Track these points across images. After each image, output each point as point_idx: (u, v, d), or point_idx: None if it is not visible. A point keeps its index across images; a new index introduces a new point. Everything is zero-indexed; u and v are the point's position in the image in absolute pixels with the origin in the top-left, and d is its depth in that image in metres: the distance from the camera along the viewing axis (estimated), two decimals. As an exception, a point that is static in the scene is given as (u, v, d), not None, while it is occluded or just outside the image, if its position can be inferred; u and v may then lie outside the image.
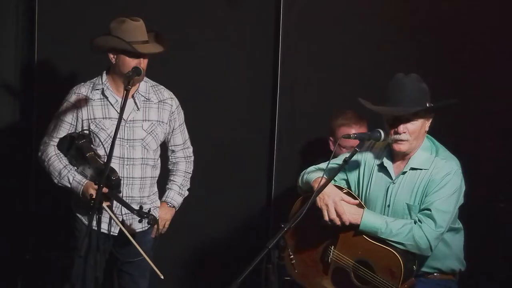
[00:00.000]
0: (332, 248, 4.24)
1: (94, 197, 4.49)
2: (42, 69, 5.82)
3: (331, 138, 5.35)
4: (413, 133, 4.15)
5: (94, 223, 4.62)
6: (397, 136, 4.15)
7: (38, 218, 5.86)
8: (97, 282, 4.53)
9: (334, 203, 4.17)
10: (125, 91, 4.52)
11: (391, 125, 4.17)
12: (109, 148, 4.60)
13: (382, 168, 4.29)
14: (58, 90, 5.64)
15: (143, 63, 4.71)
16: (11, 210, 5.83)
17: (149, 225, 4.79)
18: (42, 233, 5.84)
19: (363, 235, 4.15)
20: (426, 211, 4.12)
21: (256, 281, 3.97)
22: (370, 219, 4.13)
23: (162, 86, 4.95)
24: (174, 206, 5.00)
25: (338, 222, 4.17)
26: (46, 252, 5.73)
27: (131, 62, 4.69)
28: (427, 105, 4.15)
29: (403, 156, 4.24)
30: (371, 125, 5.22)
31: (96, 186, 4.55)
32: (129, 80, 4.55)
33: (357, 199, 4.26)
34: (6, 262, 5.77)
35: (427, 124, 4.21)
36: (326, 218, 4.19)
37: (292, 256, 4.30)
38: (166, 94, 4.92)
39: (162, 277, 4.59)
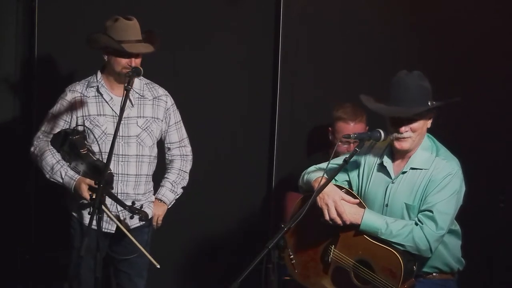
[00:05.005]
0: (332, 248, 4.23)
1: (94, 197, 4.50)
2: (42, 66, 5.82)
3: (330, 128, 5.39)
4: (416, 130, 4.14)
5: (87, 220, 4.68)
6: (399, 135, 4.14)
7: (38, 217, 5.86)
8: (97, 282, 4.51)
9: (334, 202, 4.17)
10: (125, 91, 4.53)
11: (393, 124, 4.15)
12: (103, 145, 4.71)
13: (382, 168, 4.28)
14: (58, 88, 5.62)
15: (134, 62, 4.72)
16: (11, 209, 5.83)
17: (141, 222, 4.79)
18: (42, 232, 5.83)
19: (363, 235, 4.14)
20: (427, 213, 4.10)
21: (256, 281, 3.97)
22: (370, 219, 4.12)
23: (156, 84, 4.97)
24: (165, 203, 5.01)
25: (338, 222, 4.16)
26: (46, 252, 5.72)
27: (122, 61, 4.73)
28: (429, 104, 4.13)
29: (403, 155, 4.23)
30: (370, 119, 5.24)
31: (88, 182, 4.61)
32: (129, 80, 4.57)
33: (358, 198, 4.26)
34: (6, 261, 5.77)
35: (429, 122, 4.20)
36: (327, 217, 4.18)
37: (292, 256, 4.30)
38: (161, 91, 4.95)
39: (158, 266, 4.61)
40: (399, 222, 4.11)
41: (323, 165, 4.37)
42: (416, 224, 4.10)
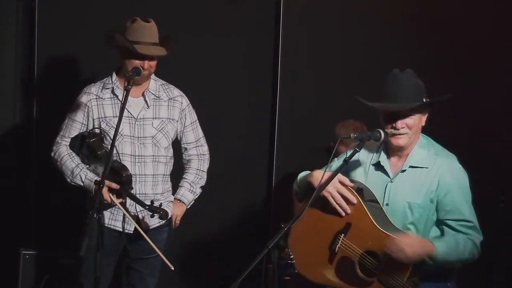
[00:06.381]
0: (341, 237, 4.20)
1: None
2: (42, 66, 5.82)
3: (332, 143, 5.37)
4: (412, 127, 4.14)
5: (106, 221, 4.76)
6: (395, 131, 4.15)
7: (38, 217, 5.86)
8: (98, 282, 4.52)
9: (335, 186, 4.16)
10: (125, 91, 4.55)
11: (388, 120, 4.15)
12: (119, 146, 4.73)
13: (378, 167, 4.27)
14: (58, 89, 5.65)
15: (147, 64, 4.72)
16: (11, 209, 5.83)
17: (162, 220, 4.80)
18: (42, 232, 5.84)
19: (375, 225, 4.13)
20: (467, 223, 4.12)
21: (256, 281, 3.97)
22: (442, 249, 4.08)
23: (171, 85, 4.97)
24: (184, 203, 5.02)
25: (344, 205, 4.15)
26: (46, 252, 5.72)
27: (134, 62, 4.72)
28: (424, 100, 4.15)
29: (400, 153, 4.22)
30: (369, 120, 5.23)
31: (108, 183, 4.61)
32: (129, 80, 4.57)
33: (380, 206, 4.22)
34: (6, 261, 5.77)
35: (423, 119, 4.20)
36: (333, 203, 4.16)
37: (292, 256, 4.28)
38: (176, 92, 4.96)
39: (172, 268, 4.62)
40: (454, 241, 4.10)
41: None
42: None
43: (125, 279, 5.04)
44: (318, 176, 4.17)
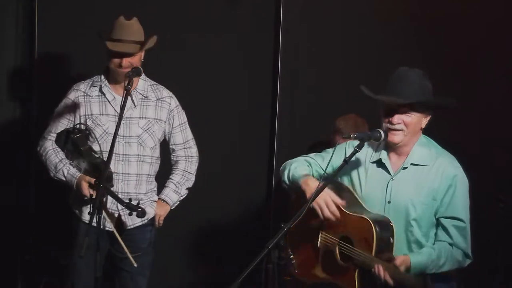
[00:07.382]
0: (321, 232, 4.25)
1: (94, 196, 4.53)
2: (42, 66, 5.82)
3: (331, 136, 5.39)
4: (409, 125, 4.10)
5: (88, 218, 4.66)
6: (391, 126, 4.12)
7: (38, 218, 5.86)
8: (97, 282, 4.52)
9: (326, 202, 4.16)
10: (125, 91, 4.55)
11: (386, 115, 4.13)
12: (103, 144, 4.74)
13: (380, 165, 4.25)
14: (57, 89, 5.63)
15: (125, 61, 4.72)
16: (11, 209, 5.83)
17: (139, 218, 4.80)
18: (42, 233, 5.84)
19: (343, 210, 4.14)
20: (460, 223, 4.12)
21: (256, 281, 3.97)
22: (417, 260, 4.09)
23: (161, 86, 4.97)
24: (168, 203, 5.02)
25: (333, 218, 4.16)
26: (45, 252, 5.73)
27: (113, 60, 4.75)
28: (424, 99, 4.10)
29: (399, 151, 4.20)
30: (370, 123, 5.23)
31: (88, 179, 4.64)
32: (129, 80, 4.58)
33: (353, 194, 4.24)
34: (5, 262, 5.77)
35: (424, 121, 4.15)
36: (321, 217, 4.18)
37: (292, 256, 4.30)
38: (165, 92, 4.96)
39: (135, 265, 4.65)
40: (435, 250, 4.10)
41: (309, 158, 4.36)
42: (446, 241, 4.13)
43: (117, 280, 5.04)
44: (312, 186, 4.17)
